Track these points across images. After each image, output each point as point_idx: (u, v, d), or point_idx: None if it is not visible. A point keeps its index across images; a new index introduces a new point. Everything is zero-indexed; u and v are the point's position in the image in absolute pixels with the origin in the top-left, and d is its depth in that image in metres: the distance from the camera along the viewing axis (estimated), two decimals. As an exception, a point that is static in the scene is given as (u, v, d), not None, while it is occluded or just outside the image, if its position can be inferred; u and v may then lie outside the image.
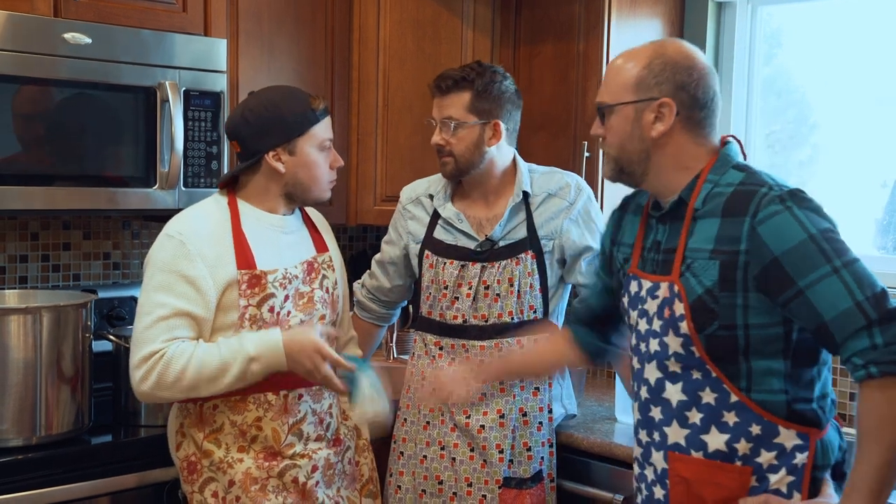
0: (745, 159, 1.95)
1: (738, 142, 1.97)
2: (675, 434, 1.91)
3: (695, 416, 1.88)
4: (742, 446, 1.84)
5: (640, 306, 1.96)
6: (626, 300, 2.01)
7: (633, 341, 2.00)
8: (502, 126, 2.58)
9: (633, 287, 1.98)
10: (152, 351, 2.23)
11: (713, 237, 1.83)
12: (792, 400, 1.82)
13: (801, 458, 1.82)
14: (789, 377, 1.82)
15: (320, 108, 2.38)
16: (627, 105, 1.90)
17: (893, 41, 3.06)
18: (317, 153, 2.38)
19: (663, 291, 1.89)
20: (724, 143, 1.96)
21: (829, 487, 1.83)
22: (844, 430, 1.97)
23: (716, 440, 1.86)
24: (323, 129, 2.39)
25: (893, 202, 3.06)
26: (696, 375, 1.87)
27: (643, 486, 2.01)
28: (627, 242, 2.05)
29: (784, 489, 1.83)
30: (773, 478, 1.83)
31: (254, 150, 2.36)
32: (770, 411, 1.82)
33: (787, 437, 1.82)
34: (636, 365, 2.00)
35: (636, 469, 2.04)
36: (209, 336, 2.31)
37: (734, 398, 1.84)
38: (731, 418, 1.84)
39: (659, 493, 1.96)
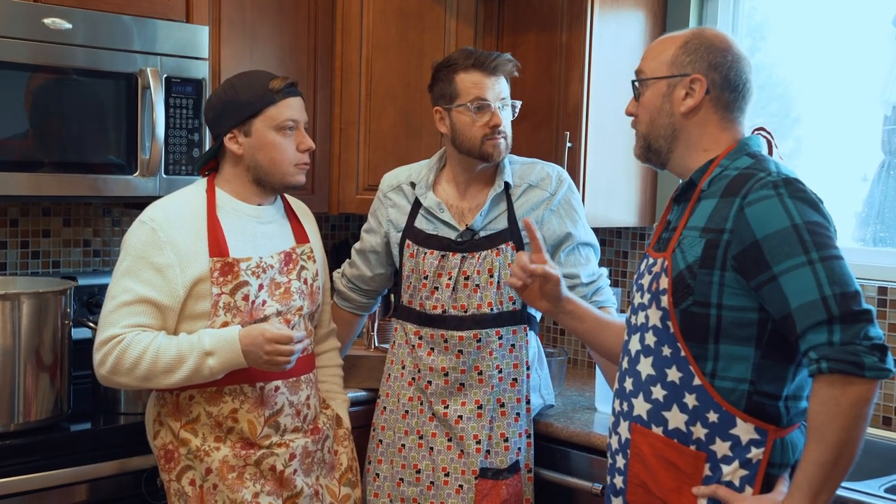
0: (770, 154, 1.96)
1: (770, 138, 1.99)
2: (640, 407, 1.94)
3: (658, 392, 1.90)
4: (698, 430, 1.85)
5: (639, 281, 2.00)
6: (635, 277, 2.05)
7: (629, 314, 2.04)
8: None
9: (642, 265, 2.02)
10: (111, 335, 2.25)
11: (707, 216, 1.86)
12: (754, 391, 1.83)
13: (756, 453, 1.82)
14: (757, 367, 1.83)
15: (279, 89, 2.35)
16: (661, 80, 1.96)
17: (876, 35, 3.07)
18: (274, 134, 2.35)
19: (657, 267, 1.93)
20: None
21: (782, 485, 1.82)
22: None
23: (675, 419, 1.88)
24: (281, 110, 2.35)
25: (873, 196, 3.07)
26: (666, 352, 1.89)
27: (609, 454, 2.05)
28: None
29: (736, 482, 1.83)
30: (725, 469, 1.84)
31: (215, 133, 2.40)
32: (730, 401, 1.83)
33: (744, 430, 1.83)
34: (625, 336, 2.04)
35: (608, 438, 2.08)
36: (179, 324, 2.31)
37: (697, 381, 1.85)
38: (691, 400, 1.85)
39: (620, 461, 1.99)
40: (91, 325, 2.68)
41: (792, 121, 3.38)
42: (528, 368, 2.63)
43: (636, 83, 2.01)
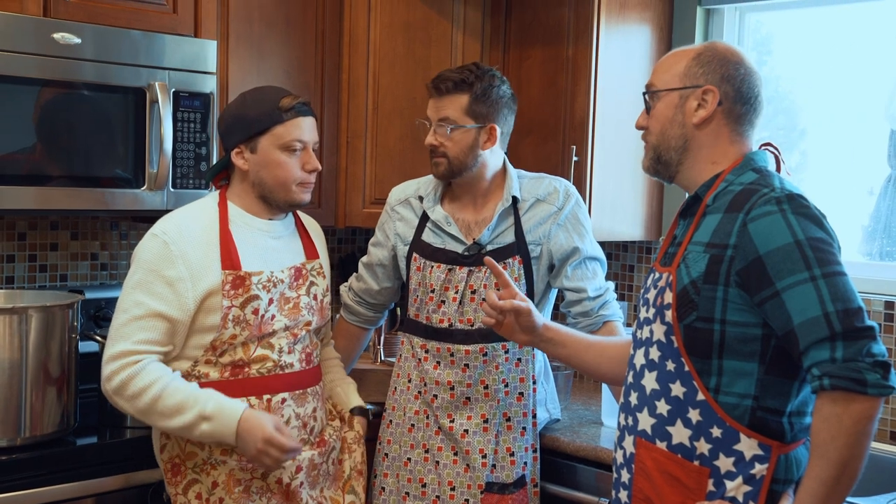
0: (778, 170, 1.96)
1: (777, 153, 1.99)
2: (645, 421, 1.94)
3: (663, 407, 1.90)
4: (702, 445, 1.85)
5: (645, 295, 2.00)
6: (642, 291, 2.05)
7: (634, 328, 2.04)
8: (498, 130, 2.59)
9: (649, 279, 2.02)
10: (123, 350, 2.24)
11: (711, 231, 1.87)
12: (758, 407, 1.82)
13: (760, 469, 1.82)
14: (761, 382, 1.82)
15: (288, 107, 2.34)
16: (674, 91, 1.96)
17: (881, 49, 3.08)
18: (279, 153, 2.35)
19: (662, 281, 1.93)
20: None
21: (786, 501, 1.82)
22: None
23: (679, 433, 1.87)
24: (289, 130, 2.34)
25: (879, 209, 3.07)
26: (671, 367, 1.89)
27: (614, 468, 2.05)
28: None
29: (740, 498, 1.83)
30: (729, 484, 1.83)
31: (225, 147, 2.41)
32: (733, 417, 1.83)
33: (748, 446, 1.82)
34: (631, 350, 2.04)
35: (613, 452, 2.07)
36: (188, 337, 2.31)
37: (700, 396, 1.85)
38: (694, 416, 1.85)
39: (625, 476, 1.99)
40: (98, 338, 2.69)
41: (798, 134, 3.38)
42: (534, 382, 2.63)
43: (647, 96, 2.01)
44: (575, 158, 3.11)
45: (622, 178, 3.21)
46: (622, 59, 3.18)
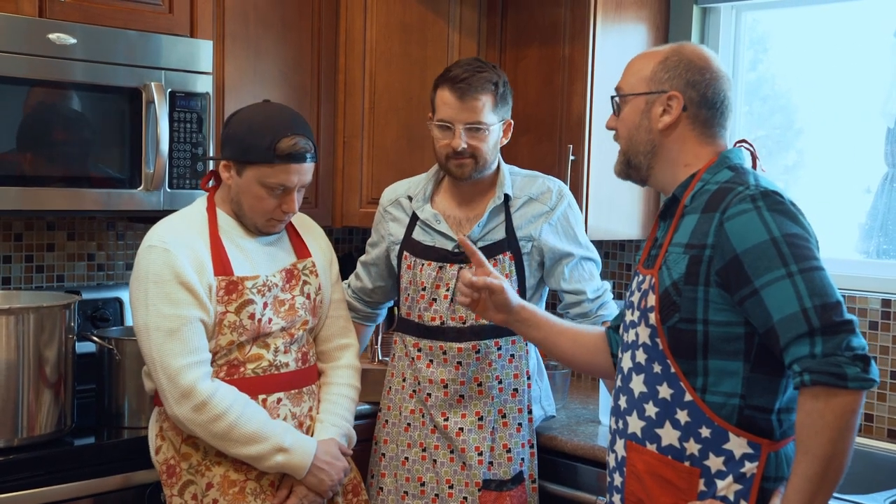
0: (754, 167, 1.96)
1: (752, 150, 1.99)
2: (634, 424, 1.93)
3: (651, 410, 1.90)
4: (691, 446, 1.85)
5: (630, 298, 2.01)
6: (627, 294, 2.05)
7: (622, 331, 2.04)
8: (511, 124, 2.61)
9: (633, 283, 2.02)
10: (183, 364, 2.22)
11: (689, 232, 1.87)
12: (745, 406, 1.82)
13: (750, 467, 1.81)
14: (747, 381, 1.82)
15: (282, 154, 2.28)
16: (640, 96, 1.96)
17: (878, 47, 3.08)
18: (260, 188, 2.31)
19: (645, 284, 1.93)
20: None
21: (777, 499, 1.81)
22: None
23: (668, 435, 1.87)
24: (275, 173, 2.29)
25: (877, 207, 3.07)
26: (657, 369, 1.89)
27: (608, 472, 2.05)
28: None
29: (731, 497, 1.82)
30: (720, 483, 1.83)
31: (221, 151, 2.39)
32: (721, 416, 1.82)
33: (737, 445, 1.82)
34: (619, 354, 2.04)
35: (607, 456, 2.08)
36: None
37: (688, 397, 1.84)
38: (683, 417, 1.85)
39: (617, 480, 1.99)
40: (96, 339, 2.69)
41: (795, 133, 3.38)
42: (528, 378, 2.63)
43: (616, 99, 2.02)
44: (571, 157, 3.11)
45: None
46: (619, 59, 3.15)
